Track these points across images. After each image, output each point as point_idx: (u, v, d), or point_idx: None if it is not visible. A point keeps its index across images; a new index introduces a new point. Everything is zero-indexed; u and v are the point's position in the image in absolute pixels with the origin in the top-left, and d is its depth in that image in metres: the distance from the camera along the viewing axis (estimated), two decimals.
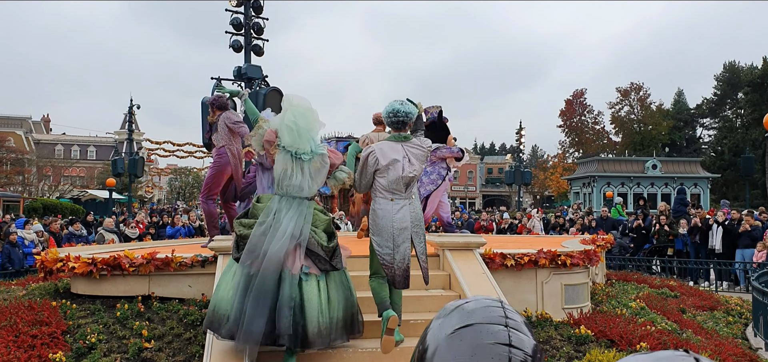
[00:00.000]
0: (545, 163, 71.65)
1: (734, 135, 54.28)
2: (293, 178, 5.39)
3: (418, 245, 5.48)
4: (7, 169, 46.90)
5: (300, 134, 5.48)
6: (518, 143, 37.70)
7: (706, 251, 15.74)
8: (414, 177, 5.39)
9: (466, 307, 0.97)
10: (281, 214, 5.26)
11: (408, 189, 5.38)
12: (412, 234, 5.41)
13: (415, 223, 5.43)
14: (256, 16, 14.03)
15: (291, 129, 5.47)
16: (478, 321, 0.93)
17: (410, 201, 5.41)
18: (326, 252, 5.32)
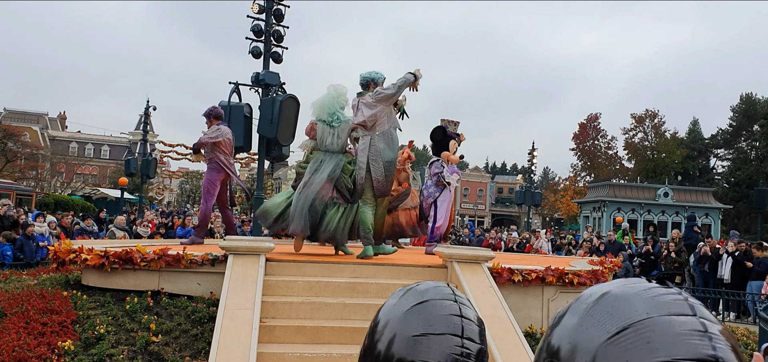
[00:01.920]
0: (556, 186, 71.43)
1: (748, 167, 53.97)
2: (326, 140, 8.53)
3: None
4: (21, 163, 47.37)
5: (322, 107, 8.60)
6: (530, 164, 37.62)
7: (715, 281, 15.66)
8: (362, 122, 8.29)
9: (418, 288, 1.07)
10: (324, 163, 8.42)
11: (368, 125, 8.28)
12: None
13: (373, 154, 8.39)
14: (276, 24, 14.17)
15: (317, 105, 8.67)
16: (431, 298, 1.04)
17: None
18: (349, 191, 8.42)
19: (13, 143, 44.54)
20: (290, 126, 13.38)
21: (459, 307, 1.04)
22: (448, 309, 1.03)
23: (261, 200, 15.11)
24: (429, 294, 1.05)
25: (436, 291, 1.06)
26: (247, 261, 6.83)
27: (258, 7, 14.14)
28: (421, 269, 7.50)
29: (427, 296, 1.05)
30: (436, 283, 1.09)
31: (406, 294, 1.08)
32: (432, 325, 1.00)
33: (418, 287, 1.09)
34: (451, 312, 1.03)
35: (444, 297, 1.05)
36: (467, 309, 1.06)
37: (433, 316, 1.02)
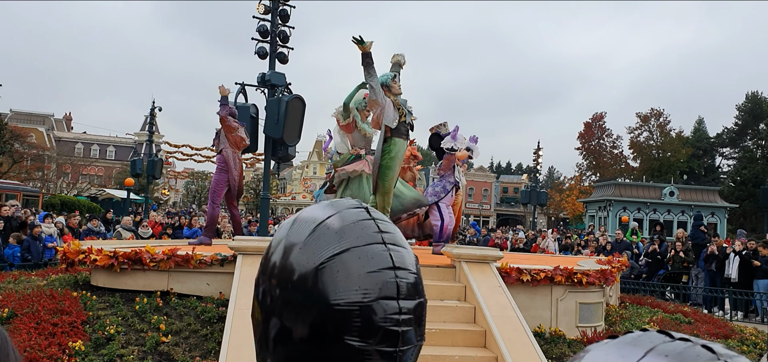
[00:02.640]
0: (561, 185, 71.30)
1: (754, 165, 53.79)
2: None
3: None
4: (27, 164, 47.49)
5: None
6: (535, 163, 37.59)
7: (722, 280, 15.62)
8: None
9: (331, 225, 0.86)
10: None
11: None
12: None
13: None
14: (282, 25, 14.19)
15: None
16: (354, 244, 0.84)
17: None
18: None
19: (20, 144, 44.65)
20: (296, 126, 13.39)
21: (390, 254, 0.85)
22: (379, 260, 0.83)
23: (267, 200, 15.15)
24: (349, 237, 0.84)
25: (357, 231, 0.85)
26: (256, 261, 6.81)
27: (264, 7, 14.16)
28: (429, 269, 7.50)
29: (347, 241, 0.84)
30: (353, 212, 0.88)
31: (317, 232, 0.86)
32: (366, 293, 0.81)
33: (332, 222, 0.87)
34: (382, 265, 0.83)
35: (370, 241, 0.85)
36: (399, 251, 0.87)
37: (363, 276, 0.82)
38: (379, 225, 0.88)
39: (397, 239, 0.88)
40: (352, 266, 0.82)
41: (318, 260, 0.83)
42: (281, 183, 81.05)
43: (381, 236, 0.86)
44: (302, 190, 73.62)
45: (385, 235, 0.86)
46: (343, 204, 0.90)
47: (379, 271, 0.83)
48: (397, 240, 0.87)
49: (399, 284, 0.83)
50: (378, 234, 0.86)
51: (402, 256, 0.86)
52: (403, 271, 0.84)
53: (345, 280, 0.82)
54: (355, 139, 9.82)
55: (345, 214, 0.87)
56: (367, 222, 0.87)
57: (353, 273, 0.82)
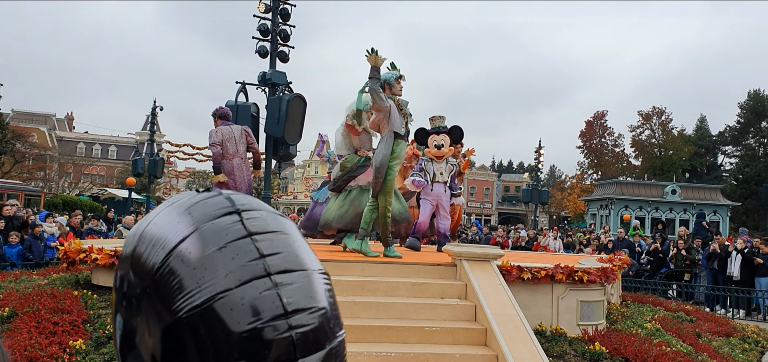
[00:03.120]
0: (563, 184, 71.27)
1: (756, 163, 53.72)
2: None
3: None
4: (29, 164, 47.57)
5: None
6: (537, 162, 37.59)
7: (724, 278, 15.60)
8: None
9: (186, 257, 0.66)
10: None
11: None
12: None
13: None
14: (282, 23, 14.19)
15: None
16: (224, 288, 0.64)
17: None
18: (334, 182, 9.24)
19: (22, 144, 44.73)
20: (297, 125, 13.39)
21: (243, 221, 0.68)
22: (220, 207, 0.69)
23: (268, 200, 15.15)
24: (196, 214, 0.69)
25: (205, 209, 0.69)
26: None
27: (264, 6, 14.16)
28: (430, 267, 7.49)
29: (194, 220, 0.68)
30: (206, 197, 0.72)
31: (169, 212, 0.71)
32: (239, 285, 0.64)
33: (183, 201, 0.72)
34: (251, 257, 0.66)
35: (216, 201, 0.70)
36: (256, 220, 0.69)
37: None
38: (258, 244, 0.66)
39: (287, 261, 0.66)
40: (223, 325, 0.62)
41: (171, 316, 0.64)
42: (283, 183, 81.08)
43: (263, 264, 0.65)
44: (304, 189, 73.64)
45: (270, 260, 0.66)
46: (205, 208, 0.69)
47: (265, 326, 0.62)
48: (286, 265, 0.66)
49: (293, 338, 0.63)
50: (259, 262, 0.65)
51: (295, 291, 0.65)
52: (298, 316, 0.64)
53: (213, 348, 0.62)
54: (362, 142, 9.77)
55: (205, 230, 0.67)
56: (242, 243, 0.66)
57: (225, 336, 0.62)
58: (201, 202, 0.70)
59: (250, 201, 0.71)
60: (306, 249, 0.70)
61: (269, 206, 0.73)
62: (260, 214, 0.69)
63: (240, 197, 0.71)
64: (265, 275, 0.64)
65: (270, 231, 0.68)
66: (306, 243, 0.71)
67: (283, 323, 0.63)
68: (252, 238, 0.66)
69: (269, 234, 0.67)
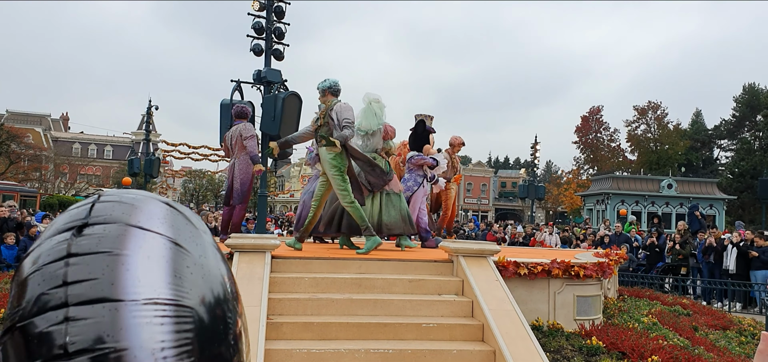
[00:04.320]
0: (559, 179, 71.36)
1: (752, 157, 53.84)
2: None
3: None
4: (25, 164, 47.47)
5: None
6: (533, 158, 37.60)
7: (720, 271, 15.65)
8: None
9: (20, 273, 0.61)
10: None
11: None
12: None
13: None
14: (277, 21, 14.15)
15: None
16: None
17: None
18: (373, 185, 9.08)
19: (17, 145, 44.62)
20: (293, 123, 13.35)
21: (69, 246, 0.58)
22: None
23: (265, 198, 15.13)
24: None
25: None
26: (253, 259, 6.83)
27: (259, 4, 14.12)
28: (426, 264, 7.50)
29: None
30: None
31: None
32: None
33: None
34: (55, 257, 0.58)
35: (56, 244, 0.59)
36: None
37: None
38: (69, 269, 0.57)
39: (95, 290, 0.55)
40: (16, 357, 0.55)
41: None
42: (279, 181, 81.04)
43: (64, 292, 0.56)
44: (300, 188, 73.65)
45: (73, 288, 0.56)
46: (61, 220, 0.63)
47: None
48: (91, 295, 0.55)
49: None
50: (59, 291, 0.56)
51: (88, 328, 0.54)
52: (82, 357, 0.53)
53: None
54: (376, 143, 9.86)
55: (40, 248, 0.60)
56: (54, 266, 0.57)
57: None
58: (67, 212, 0.63)
59: (115, 210, 0.61)
60: (141, 273, 0.57)
61: (154, 209, 0.63)
62: (105, 229, 0.59)
63: (108, 205, 0.62)
64: (61, 306, 0.55)
65: (95, 252, 0.57)
66: (157, 265, 0.59)
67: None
68: (66, 261, 0.57)
69: (93, 257, 0.57)
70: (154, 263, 0.58)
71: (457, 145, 11.70)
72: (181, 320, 0.57)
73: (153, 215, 0.62)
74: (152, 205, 0.63)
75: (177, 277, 0.58)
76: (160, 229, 0.61)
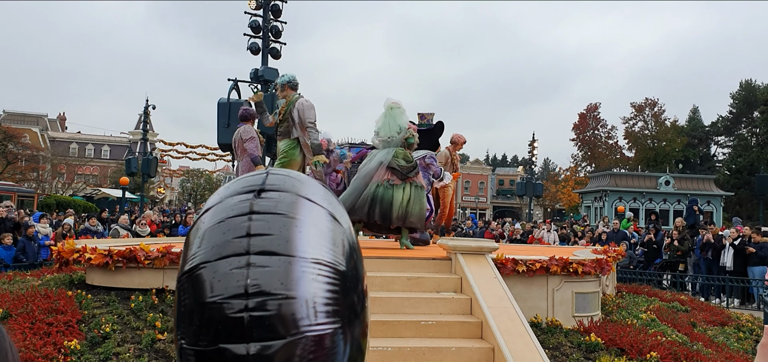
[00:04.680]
0: (557, 176, 71.39)
1: (749, 153, 53.91)
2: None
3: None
4: (22, 165, 47.36)
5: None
6: (530, 155, 37.62)
7: (718, 268, 15.67)
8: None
9: (202, 224, 0.72)
10: (377, 153, 9.28)
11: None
12: None
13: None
14: (274, 20, 14.15)
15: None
16: (205, 259, 0.67)
17: None
18: (402, 169, 9.01)
19: (14, 145, 44.51)
20: None
21: (249, 224, 0.68)
22: (233, 230, 0.67)
23: None
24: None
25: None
26: None
27: (255, 3, 14.11)
28: (425, 261, 7.50)
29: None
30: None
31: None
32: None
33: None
34: (236, 234, 0.67)
35: (239, 198, 0.71)
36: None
37: (208, 241, 0.68)
38: (252, 223, 0.67)
39: (273, 244, 0.66)
40: (196, 293, 0.65)
41: (178, 277, 0.69)
42: None
43: (247, 242, 0.66)
44: None
45: (255, 240, 0.66)
46: (238, 184, 0.73)
47: (223, 302, 0.63)
48: (269, 247, 0.65)
49: (246, 320, 0.62)
50: (243, 240, 0.66)
51: (265, 275, 0.64)
52: (259, 298, 0.63)
53: (187, 314, 0.65)
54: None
55: (223, 205, 0.70)
56: (239, 219, 0.67)
57: (195, 305, 0.65)
58: (242, 179, 0.74)
59: (286, 183, 0.72)
60: (310, 236, 0.68)
61: (302, 188, 0.73)
62: (279, 196, 0.70)
63: (279, 178, 0.73)
64: (243, 253, 0.65)
65: (273, 212, 0.68)
66: (318, 231, 0.69)
67: (240, 303, 0.63)
68: (249, 217, 0.67)
69: (270, 216, 0.68)
70: (318, 230, 0.69)
71: (459, 143, 11.69)
72: (334, 280, 0.67)
73: (316, 191, 0.74)
74: (313, 183, 0.75)
75: (334, 245, 0.69)
76: (322, 203, 0.72)
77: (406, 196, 9.10)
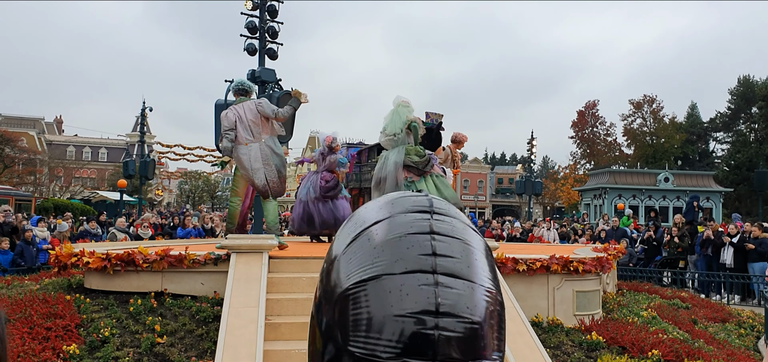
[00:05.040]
0: (556, 174, 71.39)
1: (748, 149, 53.91)
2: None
3: (268, 174, 8.65)
4: (19, 168, 47.24)
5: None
6: (529, 153, 37.59)
7: (718, 265, 15.64)
8: (253, 121, 8.59)
9: (373, 234, 0.70)
10: (388, 155, 9.23)
11: (255, 133, 8.59)
12: (263, 165, 8.60)
13: (264, 159, 8.62)
14: (270, 20, 14.10)
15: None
16: (387, 271, 0.66)
17: (259, 143, 8.63)
18: (417, 165, 8.98)
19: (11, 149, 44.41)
20: (288, 123, 13.29)
21: (433, 242, 0.67)
22: (417, 245, 0.67)
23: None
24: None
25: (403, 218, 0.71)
26: (250, 260, 6.79)
27: (252, 3, 14.07)
28: None
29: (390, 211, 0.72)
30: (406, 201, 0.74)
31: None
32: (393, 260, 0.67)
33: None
34: (421, 248, 0.67)
35: (415, 216, 0.70)
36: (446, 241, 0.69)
37: (388, 252, 0.67)
38: (435, 243, 0.67)
39: (457, 267, 0.66)
40: (378, 303, 0.64)
41: (343, 285, 0.67)
42: None
43: (433, 260, 0.65)
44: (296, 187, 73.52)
45: (440, 260, 0.65)
46: (405, 203, 0.72)
47: (412, 317, 0.62)
48: (454, 270, 0.65)
49: (437, 337, 0.62)
50: (429, 258, 0.65)
51: (453, 296, 0.64)
52: (448, 319, 0.63)
53: (365, 322, 0.64)
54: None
55: (396, 220, 0.70)
56: (421, 237, 0.67)
57: (377, 314, 0.64)
58: (404, 198, 0.74)
59: (449, 208, 0.73)
60: (483, 265, 0.69)
61: (466, 217, 0.74)
62: (452, 221, 0.71)
63: (441, 202, 0.73)
64: (430, 271, 0.65)
65: (452, 236, 0.69)
66: (487, 260, 0.71)
67: (431, 320, 0.62)
68: (432, 236, 0.67)
69: (450, 239, 0.68)
70: (486, 259, 0.70)
71: (460, 141, 11.67)
72: (500, 311, 0.69)
73: (469, 219, 0.74)
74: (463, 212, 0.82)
75: (493, 273, 0.70)
76: (477, 232, 0.73)
77: (431, 188, 9.03)
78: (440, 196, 9.07)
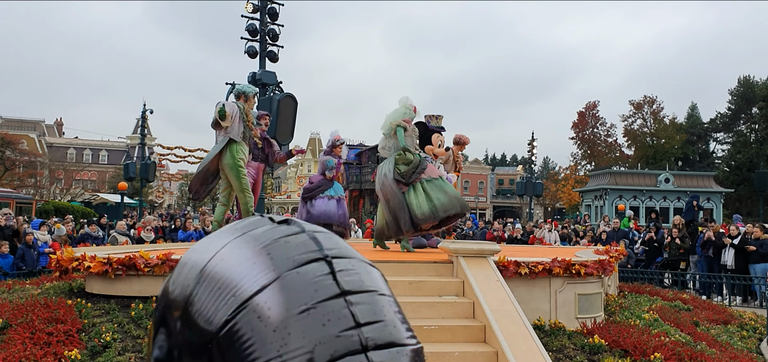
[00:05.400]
0: (557, 175, 71.39)
1: (748, 150, 53.92)
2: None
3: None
4: (19, 171, 47.28)
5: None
6: (530, 155, 37.60)
7: (719, 266, 15.62)
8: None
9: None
10: (382, 167, 9.14)
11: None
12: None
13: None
14: (271, 23, 14.10)
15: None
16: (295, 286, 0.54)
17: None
18: (403, 176, 8.88)
19: (11, 151, 44.46)
20: (289, 124, 13.31)
21: (349, 309, 0.55)
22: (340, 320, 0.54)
23: (262, 200, 15.07)
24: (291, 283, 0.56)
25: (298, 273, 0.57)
26: None
27: (252, 6, 14.07)
28: (427, 265, 7.45)
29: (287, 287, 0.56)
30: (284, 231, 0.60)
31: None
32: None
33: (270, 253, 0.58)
34: (344, 326, 0.54)
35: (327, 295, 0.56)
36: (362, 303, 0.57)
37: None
38: (354, 308, 0.54)
39: (386, 333, 0.54)
40: None
41: None
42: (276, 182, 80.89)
43: (359, 335, 0.53)
44: (297, 189, 73.50)
45: (367, 331, 0.53)
46: (286, 250, 0.58)
47: None
48: (383, 337, 0.54)
49: None
50: (354, 333, 0.53)
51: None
52: None
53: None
54: (414, 140, 9.78)
55: (289, 282, 0.54)
56: (333, 304, 0.54)
57: None
58: (281, 241, 0.57)
59: (337, 245, 0.59)
60: (398, 311, 0.57)
61: (355, 251, 0.62)
62: (352, 264, 0.57)
63: (325, 237, 0.59)
64: (360, 351, 0.51)
65: (365, 290, 0.55)
66: (394, 301, 0.59)
67: None
68: (346, 299, 0.53)
69: (364, 295, 0.55)
70: (393, 298, 0.59)
71: (462, 143, 11.64)
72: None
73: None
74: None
75: (402, 314, 0.59)
76: (370, 264, 0.61)
77: (421, 197, 8.90)
78: (433, 199, 8.79)
